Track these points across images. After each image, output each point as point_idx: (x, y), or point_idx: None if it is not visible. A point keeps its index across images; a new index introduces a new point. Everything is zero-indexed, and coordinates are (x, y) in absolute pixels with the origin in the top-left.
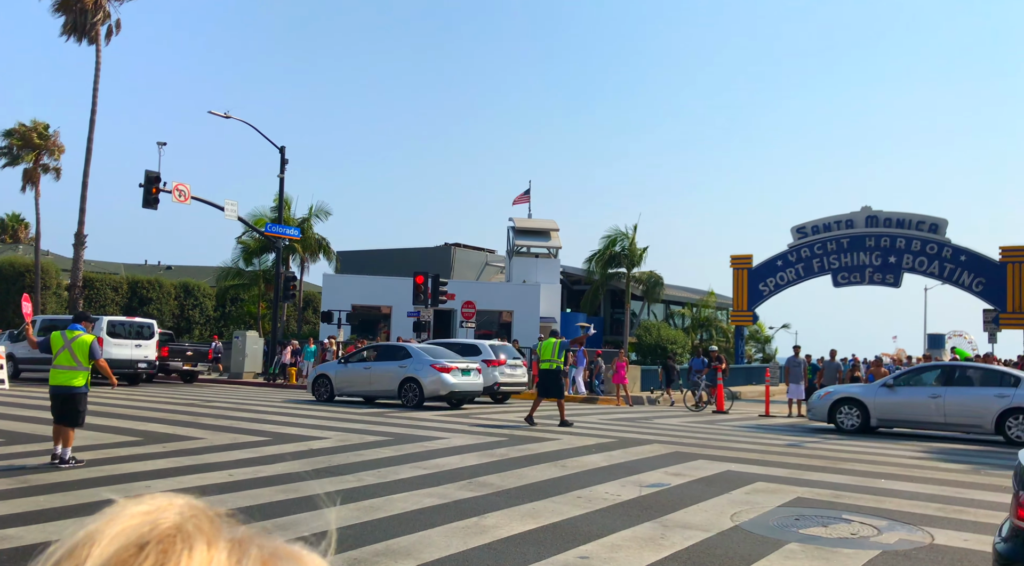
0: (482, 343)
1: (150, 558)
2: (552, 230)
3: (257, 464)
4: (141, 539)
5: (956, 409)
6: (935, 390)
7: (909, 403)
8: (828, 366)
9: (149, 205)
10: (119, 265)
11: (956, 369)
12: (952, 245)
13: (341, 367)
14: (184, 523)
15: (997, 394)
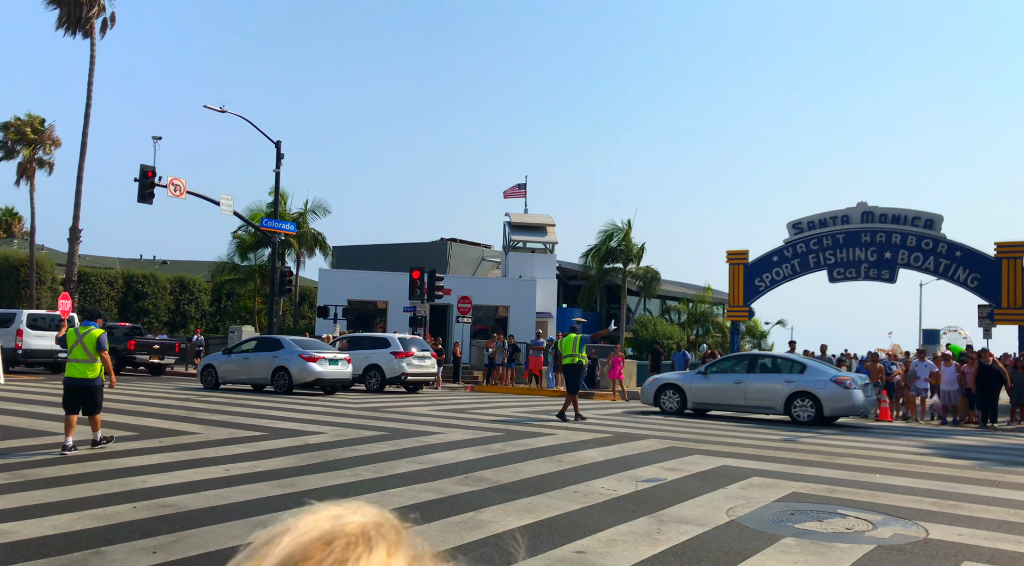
0: (392, 336)
1: (334, 554)
2: (548, 225)
3: (253, 459)
4: (329, 536)
5: (755, 393)
6: (738, 377)
7: (718, 388)
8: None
9: (144, 200)
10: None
11: (757, 358)
12: (947, 241)
13: (225, 357)
14: (369, 528)
15: (786, 380)
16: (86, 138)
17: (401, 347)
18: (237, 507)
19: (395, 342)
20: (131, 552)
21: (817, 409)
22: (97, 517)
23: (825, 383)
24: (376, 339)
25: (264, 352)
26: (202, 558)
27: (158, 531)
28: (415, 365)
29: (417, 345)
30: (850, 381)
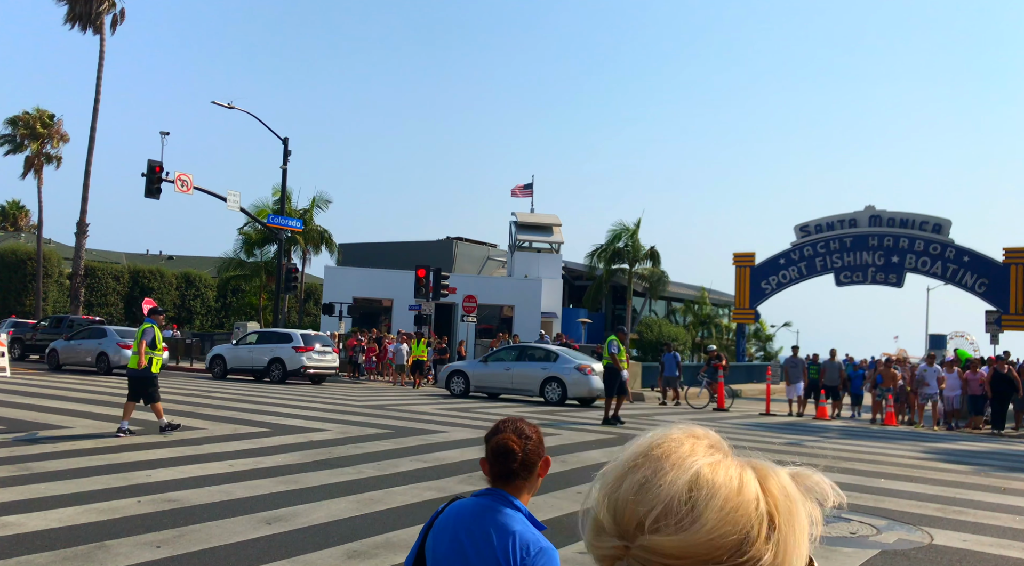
0: (295, 332)
1: (701, 442)
2: (555, 225)
3: (257, 455)
4: (692, 434)
5: (519, 378)
6: (508, 364)
7: (493, 374)
8: (829, 366)
9: (151, 195)
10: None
11: (524, 349)
12: (955, 246)
13: (64, 344)
14: (718, 438)
15: (542, 367)
16: (94, 133)
17: (302, 342)
18: (241, 503)
19: (296, 337)
20: (135, 546)
21: (563, 391)
22: (102, 511)
23: (571, 370)
24: (280, 334)
25: (88, 340)
26: (206, 553)
27: (162, 526)
28: (315, 359)
29: (320, 341)
30: (590, 369)
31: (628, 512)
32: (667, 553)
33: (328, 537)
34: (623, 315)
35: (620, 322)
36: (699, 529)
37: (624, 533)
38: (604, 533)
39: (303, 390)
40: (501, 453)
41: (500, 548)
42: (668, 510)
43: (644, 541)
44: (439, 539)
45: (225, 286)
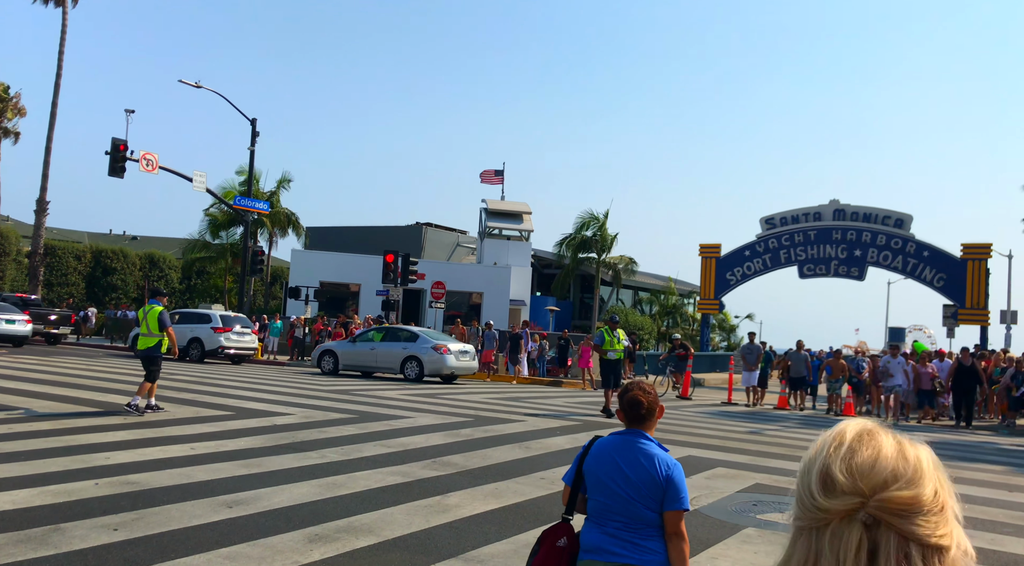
0: (214, 313)
1: (889, 431)
2: (524, 213)
3: (219, 438)
4: (866, 427)
5: (383, 357)
6: (374, 344)
7: (359, 353)
8: (795, 357)
9: (115, 173)
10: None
11: (388, 330)
12: (916, 240)
13: None
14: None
15: (403, 347)
16: (55, 109)
17: (221, 323)
18: (201, 486)
19: (216, 318)
20: (92, 529)
21: (421, 369)
22: (57, 493)
23: (428, 350)
24: (199, 315)
25: None
26: (164, 536)
27: (120, 508)
28: (234, 340)
29: (240, 322)
30: (446, 349)
31: (864, 477)
32: (902, 503)
33: (290, 521)
34: (591, 304)
35: (588, 310)
36: (925, 484)
37: (862, 492)
38: (842, 493)
39: (266, 369)
40: (634, 404)
41: (649, 466)
42: (897, 475)
43: (883, 496)
44: (598, 462)
45: (190, 268)
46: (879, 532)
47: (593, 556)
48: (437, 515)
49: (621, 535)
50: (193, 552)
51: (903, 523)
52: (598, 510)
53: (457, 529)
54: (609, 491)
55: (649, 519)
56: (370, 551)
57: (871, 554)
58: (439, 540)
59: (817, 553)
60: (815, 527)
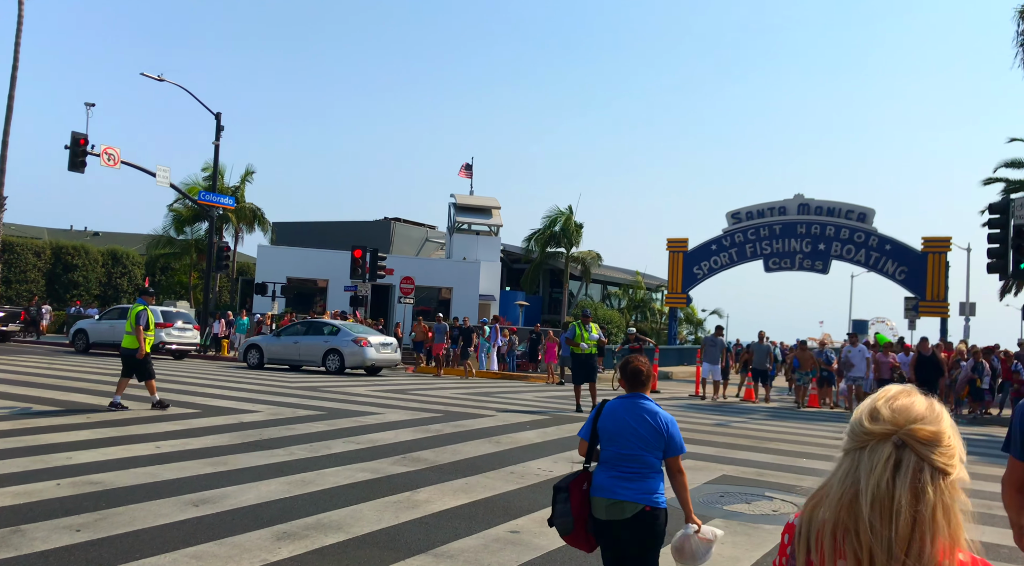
0: (156, 309)
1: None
2: (494, 208)
3: (185, 436)
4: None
5: (306, 350)
6: (297, 338)
7: (284, 347)
8: (757, 348)
9: (76, 168)
10: (42, 229)
11: (311, 324)
12: (878, 234)
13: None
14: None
15: (324, 340)
16: (12, 101)
17: (162, 319)
18: (167, 485)
19: (157, 314)
20: (53, 530)
21: (341, 362)
22: (17, 494)
23: (348, 343)
24: None
25: None
26: (128, 536)
27: (83, 509)
28: (175, 335)
29: (181, 318)
30: (365, 342)
31: (900, 414)
32: (925, 435)
33: (258, 519)
34: (560, 298)
35: (558, 305)
36: (944, 428)
37: (897, 423)
38: (883, 421)
39: (233, 367)
40: (637, 372)
41: (653, 421)
42: (925, 417)
43: (912, 427)
44: (611, 420)
45: (154, 264)
46: (904, 452)
47: (606, 494)
48: (407, 511)
49: (630, 477)
50: (158, 552)
51: (923, 449)
52: (610, 458)
53: (427, 524)
54: (621, 442)
55: (652, 463)
56: (339, 548)
57: (895, 466)
58: (409, 536)
59: (857, 463)
60: (859, 448)
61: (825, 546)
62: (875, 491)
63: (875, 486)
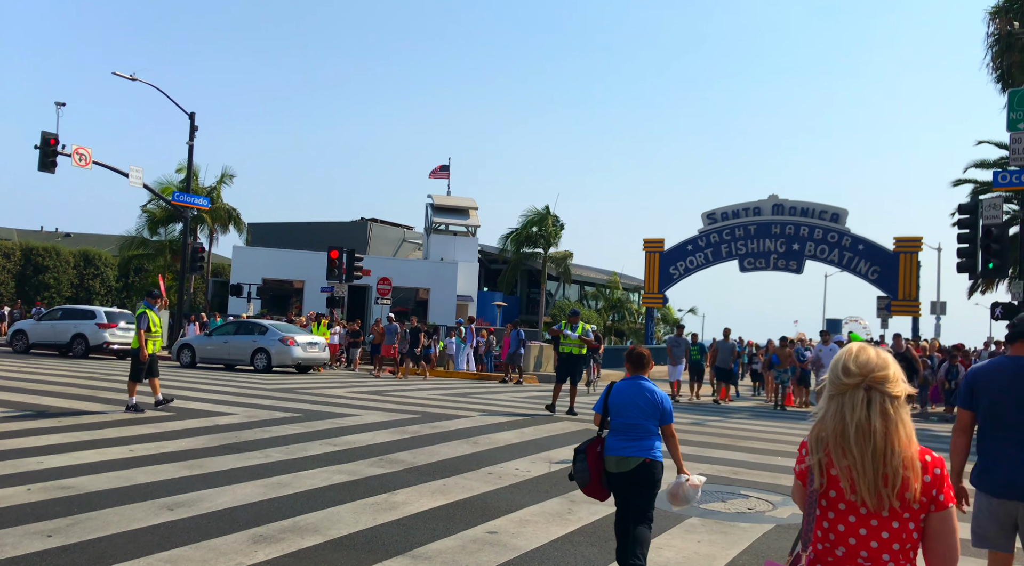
0: (98, 309)
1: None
2: (471, 208)
3: (159, 440)
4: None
5: (235, 349)
6: (227, 337)
7: (215, 346)
8: (722, 346)
9: (46, 168)
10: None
11: (242, 324)
12: (851, 234)
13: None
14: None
15: (252, 340)
16: None
17: (106, 319)
18: (141, 489)
19: (100, 314)
20: (23, 536)
21: (268, 361)
22: None
23: (275, 342)
24: (84, 311)
25: None
26: (102, 541)
27: (54, 514)
28: (119, 336)
29: (124, 318)
30: (292, 341)
31: (863, 367)
32: (880, 378)
33: (234, 522)
34: (537, 299)
35: (535, 305)
36: (890, 370)
37: (863, 374)
38: (852, 373)
39: (207, 370)
40: (640, 357)
41: (651, 397)
42: (878, 366)
43: (872, 375)
44: (619, 396)
45: (127, 265)
46: (871, 392)
47: (616, 452)
48: (384, 513)
49: (633, 439)
50: (132, 557)
51: (881, 387)
52: (618, 426)
53: (404, 526)
54: (626, 414)
55: (651, 429)
56: (316, 550)
57: (867, 403)
58: (386, 538)
59: (841, 405)
60: (839, 393)
61: (830, 451)
62: (858, 423)
63: (858, 420)
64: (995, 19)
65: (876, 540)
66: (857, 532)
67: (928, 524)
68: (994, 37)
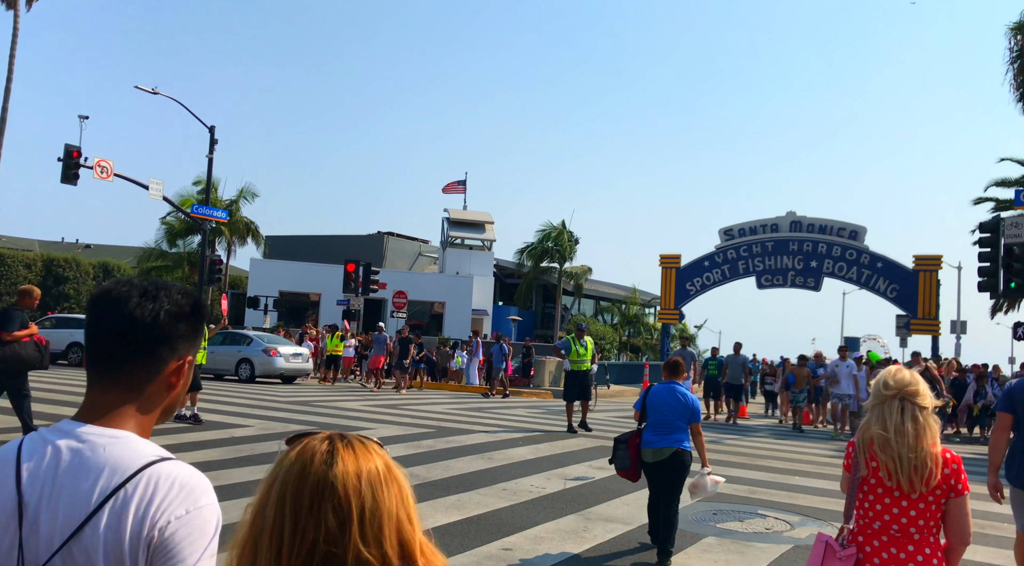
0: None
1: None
2: (487, 223)
3: (176, 451)
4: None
5: (221, 359)
6: (214, 348)
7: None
8: (732, 361)
9: (68, 180)
10: (33, 241)
11: (229, 335)
12: (870, 252)
13: None
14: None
15: (237, 350)
16: (6, 114)
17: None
18: None
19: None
20: None
21: (252, 370)
22: None
23: (259, 353)
24: (79, 320)
25: None
26: None
27: None
28: None
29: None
30: (275, 352)
31: (899, 383)
32: (912, 392)
33: None
34: (552, 314)
35: (551, 320)
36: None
37: (899, 388)
38: (890, 387)
39: (223, 382)
40: (674, 365)
41: (683, 399)
42: (911, 383)
43: (905, 390)
44: (656, 398)
45: (146, 277)
46: (904, 403)
47: (652, 445)
48: None
49: (666, 433)
50: None
51: (913, 400)
52: (654, 423)
53: None
54: (661, 413)
55: (681, 426)
56: None
57: (901, 411)
58: None
59: (882, 411)
60: (880, 403)
61: (874, 449)
62: (895, 425)
63: (894, 422)
64: (1017, 35)
65: (906, 517)
66: (891, 510)
67: (947, 508)
68: (1015, 53)
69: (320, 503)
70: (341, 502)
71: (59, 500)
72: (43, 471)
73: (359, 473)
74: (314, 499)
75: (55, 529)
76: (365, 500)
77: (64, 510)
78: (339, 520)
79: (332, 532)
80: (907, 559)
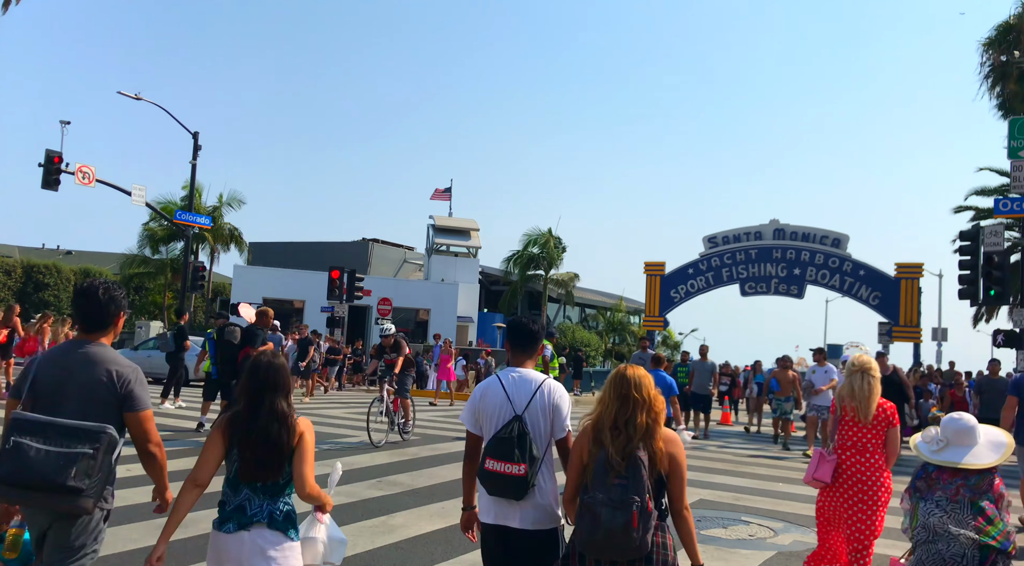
0: None
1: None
2: (472, 229)
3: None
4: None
5: (157, 364)
6: (150, 353)
7: (139, 361)
8: (699, 367)
9: (49, 186)
10: (13, 248)
11: (164, 339)
12: (852, 260)
13: None
14: None
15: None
16: None
17: None
18: (138, 509)
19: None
20: None
21: (185, 374)
22: None
23: (192, 357)
24: None
25: None
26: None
27: None
28: None
29: None
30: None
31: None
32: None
33: None
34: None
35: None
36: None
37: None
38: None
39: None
40: (657, 358)
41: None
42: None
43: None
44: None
45: (127, 283)
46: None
47: None
48: (382, 536)
49: None
50: None
51: (869, 372)
52: None
53: (403, 550)
54: None
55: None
56: None
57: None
58: (384, 561)
59: (851, 381)
60: (850, 374)
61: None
62: (859, 386)
63: (859, 386)
64: (988, 50)
65: (864, 439)
66: (856, 435)
67: (887, 434)
68: (988, 66)
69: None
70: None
71: (520, 391)
72: (511, 380)
73: (642, 376)
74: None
75: (521, 400)
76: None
77: (522, 394)
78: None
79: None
80: (864, 462)
